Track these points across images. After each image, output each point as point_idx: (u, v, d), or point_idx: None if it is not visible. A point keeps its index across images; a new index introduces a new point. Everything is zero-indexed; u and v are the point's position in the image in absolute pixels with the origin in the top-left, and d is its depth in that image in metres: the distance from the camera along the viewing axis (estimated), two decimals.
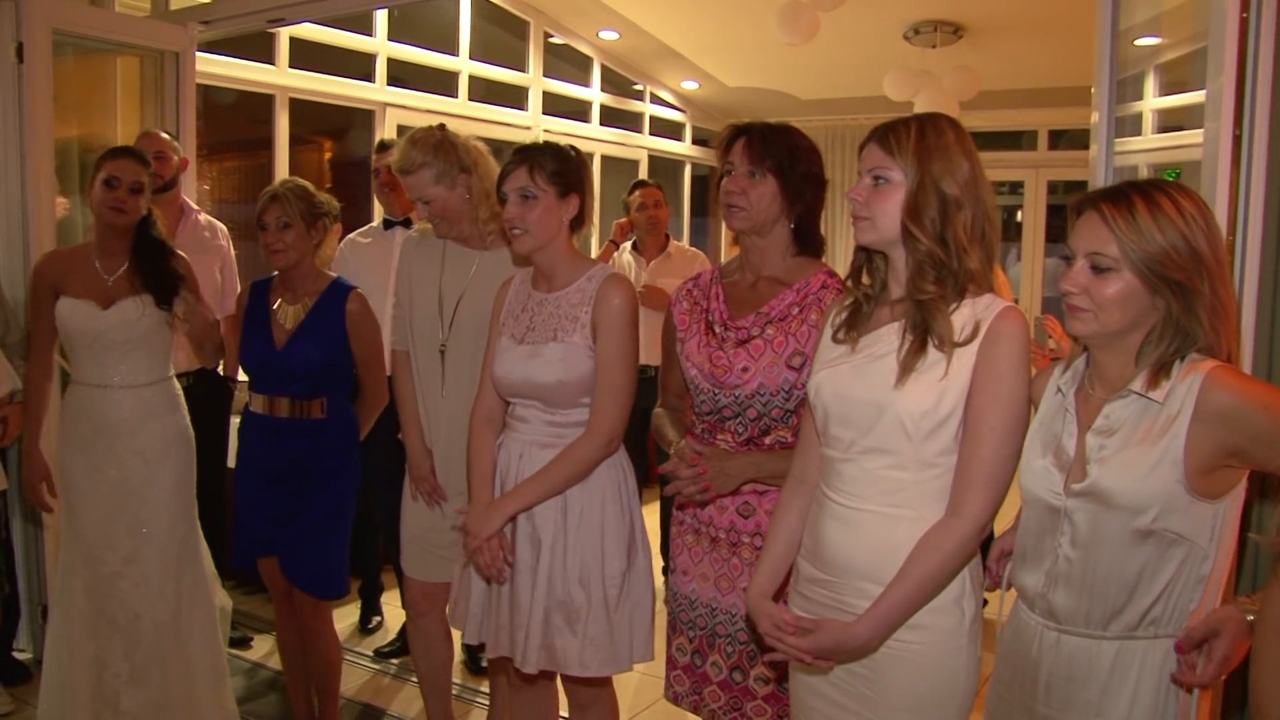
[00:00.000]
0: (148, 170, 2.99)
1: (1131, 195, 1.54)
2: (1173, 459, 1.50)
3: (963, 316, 1.71)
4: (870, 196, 1.75)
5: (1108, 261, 1.53)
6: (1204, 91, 2.06)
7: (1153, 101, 2.74)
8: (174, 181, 3.91)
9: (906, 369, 1.72)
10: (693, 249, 5.14)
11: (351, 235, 4.02)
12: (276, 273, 3.01)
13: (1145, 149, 2.71)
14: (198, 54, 4.30)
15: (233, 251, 4.15)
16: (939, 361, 1.71)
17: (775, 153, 2.16)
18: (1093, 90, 2.39)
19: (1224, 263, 1.55)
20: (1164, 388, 1.52)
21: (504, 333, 2.44)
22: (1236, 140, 1.92)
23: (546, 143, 2.43)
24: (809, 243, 2.26)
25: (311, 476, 2.96)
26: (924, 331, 1.72)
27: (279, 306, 2.96)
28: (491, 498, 2.39)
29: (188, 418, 3.11)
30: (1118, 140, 2.40)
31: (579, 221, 2.43)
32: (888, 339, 1.78)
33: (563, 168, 2.35)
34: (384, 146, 3.99)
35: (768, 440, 2.18)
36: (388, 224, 3.94)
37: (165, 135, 3.92)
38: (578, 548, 2.33)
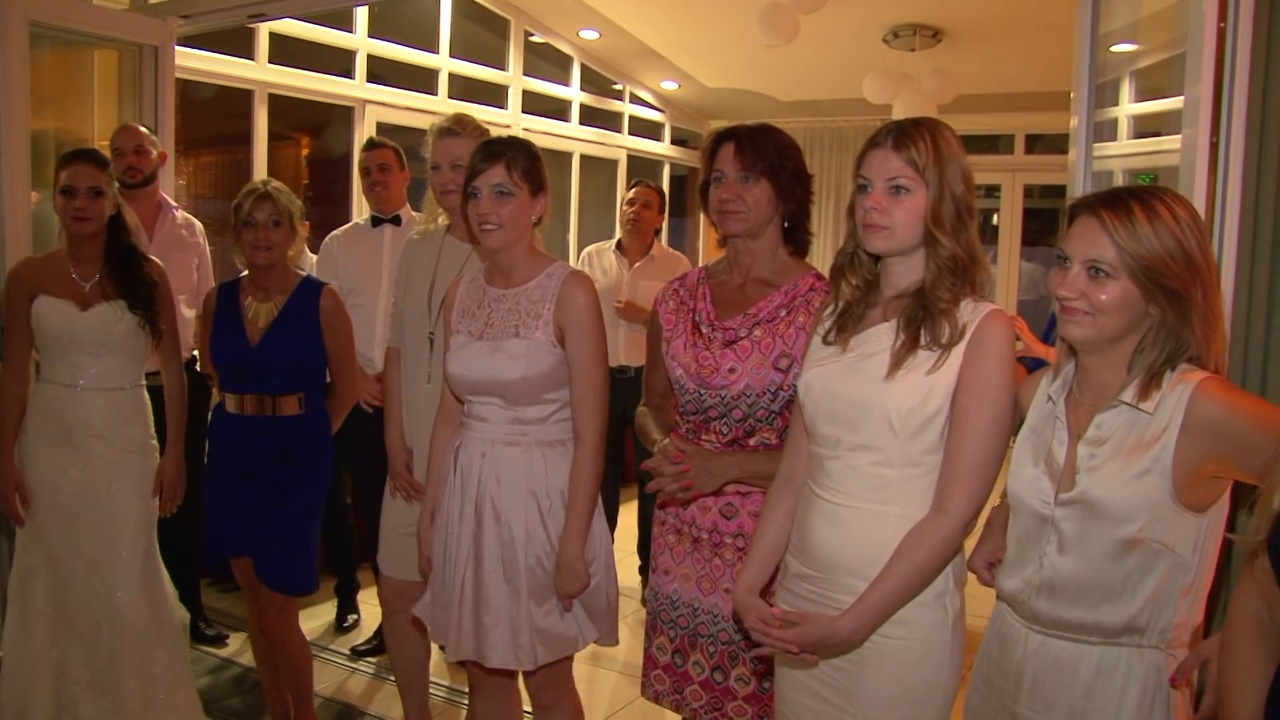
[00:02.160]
0: (105, 171, 2.94)
1: (1129, 202, 1.54)
2: (1161, 469, 1.51)
3: (958, 319, 1.74)
4: (890, 205, 1.75)
5: (1106, 267, 1.53)
6: (1180, 98, 2.08)
7: (1128, 107, 2.77)
8: (153, 176, 3.88)
9: (897, 362, 1.74)
10: (676, 252, 5.10)
11: (335, 233, 4.02)
12: (245, 272, 3.00)
13: (1121, 154, 2.73)
14: (176, 48, 4.26)
15: (209, 249, 4.13)
16: (929, 359, 1.73)
17: (766, 155, 2.17)
18: (1072, 95, 2.41)
19: (1214, 271, 1.56)
20: (1154, 399, 1.53)
21: (459, 330, 2.43)
22: (1214, 147, 1.94)
23: (513, 138, 2.42)
24: (797, 240, 2.27)
25: (287, 474, 2.95)
26: (918, 328, 1.74)
27: (250, 305, 2.95)
28: (436, 499, 2.46)
29: (153, 429, 3.07)
30: (1095, 145, 2.42)
31: (538, 220, 2.43)
32: (879, 338, 1.80)
33: (533, 166, 2.35)
34: (373, 145, 3.98)
35: (752, 442, 2.19)
36: (375, 221, 3.94)
37: (144, 129, 3.89)
38: (538, 538, 2.35)
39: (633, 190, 4.78)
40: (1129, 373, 1.57)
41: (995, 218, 8.11)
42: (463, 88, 6.29)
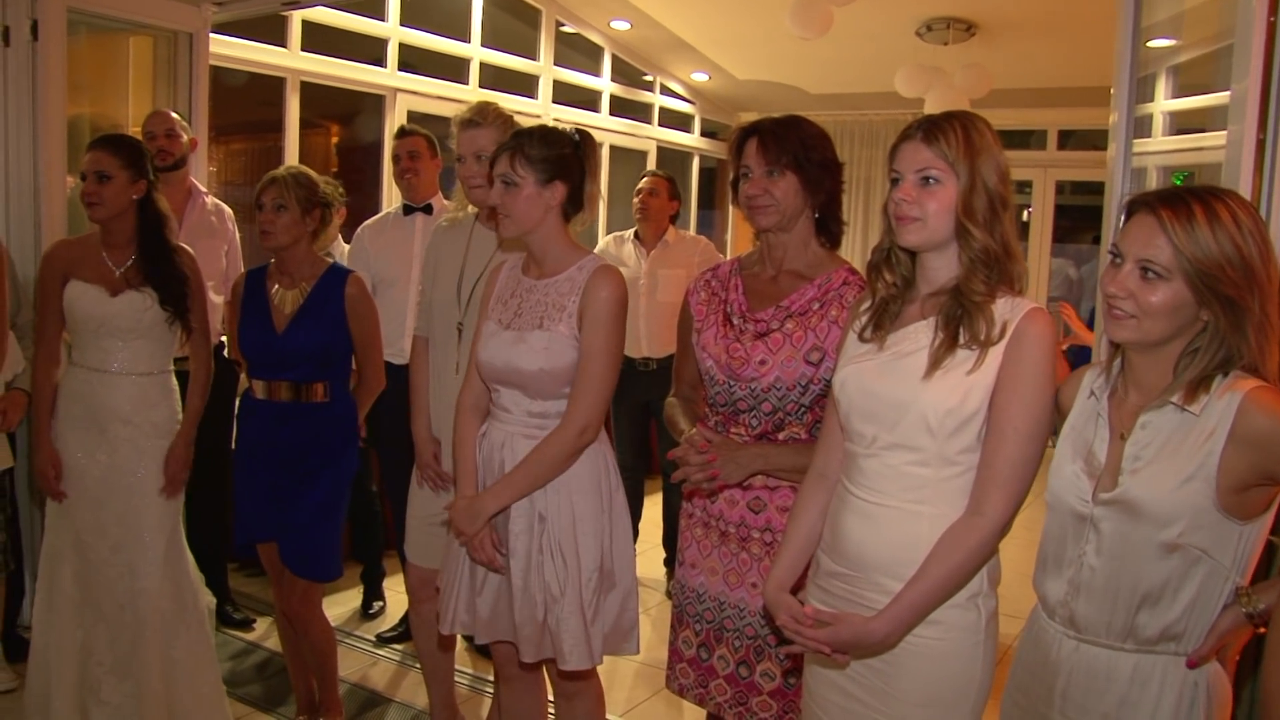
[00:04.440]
0: (118, 156, 2.91)
1: (1190, 202, 1.50)
2: (1205, 475, 1.48)
3: (995, 315, 1.72)
4: (920, 196, 1.74)
5: (1159, 269, 1.50)
6: (1219, 94, 2.06)
7: (1163, 104, 2.73)
8: (183, 160, 3.91)
9: (936, 362, 1.72)
10: (694, 235, 5.07)
11: (366, 224, 4.03)
12: (273, 259, 3.01)
13: (1156, 150, 2.70)
14: (210, 35, 4.28)
15: (238, 235, 4.15)
16: (968, 359, 1.71)
17: (790, 147, 2.15)
18: (1112, 90, 2.38)
19: (1275, 280, 1.51)
20: (1201, 401, 1.50)
21: (491, 317, 2.43)
22: (1260, 144, 1.91)
23: (543, 126, 2.40)
24: (830, 231, 2.25)
25: (312, 460, 2.97)
26: (957, 327, 1.72)
27: (277, 292, 2.97)
28: (474, 487, 2.40)
29: (180, 414, 3.07)
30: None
31: (575, 207, 2.39)
32: (917, 336, 1.78)
33: (547, 154, 2.31)
34: (404, 133, 3.98)
35: (781, 436, 2.18)
36: (407, 209, 3.95)
37: (175, 115, 3.91)
38: (568, 538, 2.34)
39: (641, 180, 4.78)
40: (1175, 374, 1.54)
41: (1026, 214, 8.06)
42: (493, 77, 6.30)
